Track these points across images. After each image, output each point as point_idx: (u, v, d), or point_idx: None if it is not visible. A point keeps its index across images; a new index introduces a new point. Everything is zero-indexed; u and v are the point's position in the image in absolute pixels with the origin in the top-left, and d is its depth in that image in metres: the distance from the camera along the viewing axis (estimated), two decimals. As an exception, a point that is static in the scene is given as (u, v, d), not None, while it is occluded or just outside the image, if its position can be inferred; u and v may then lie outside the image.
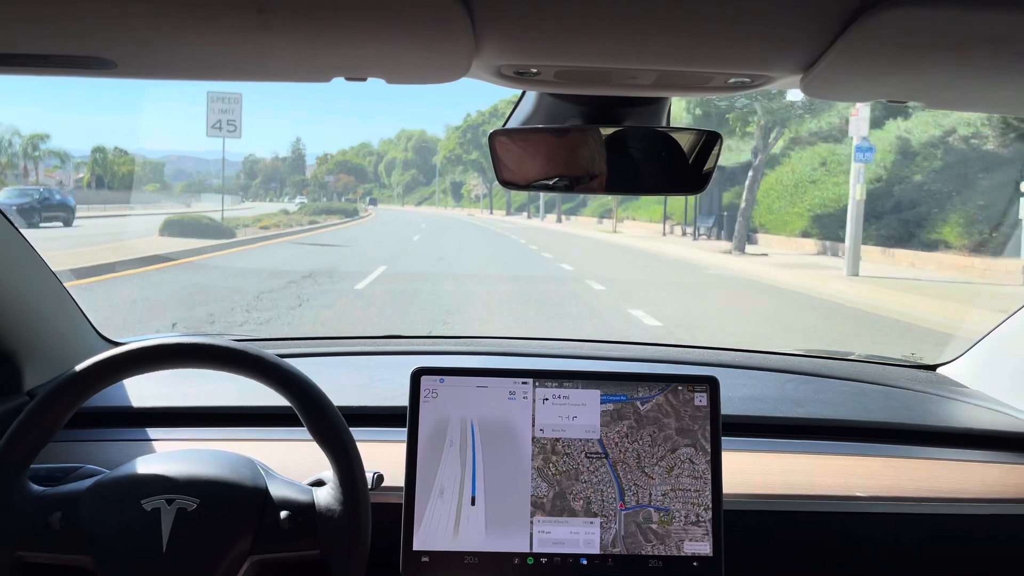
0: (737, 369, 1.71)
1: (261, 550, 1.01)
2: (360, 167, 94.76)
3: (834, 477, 1.33)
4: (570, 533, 1.15)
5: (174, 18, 0.72)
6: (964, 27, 0.69)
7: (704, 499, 1.17)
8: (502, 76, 0.91)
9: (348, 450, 1.03)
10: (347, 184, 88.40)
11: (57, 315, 1.50)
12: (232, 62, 0.89)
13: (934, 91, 0.92)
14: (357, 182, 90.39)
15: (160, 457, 1.07)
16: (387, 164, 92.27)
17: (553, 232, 29.96)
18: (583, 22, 0.74)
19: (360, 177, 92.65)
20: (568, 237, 26.36)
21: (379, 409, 1.41)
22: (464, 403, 1.18)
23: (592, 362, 1.73)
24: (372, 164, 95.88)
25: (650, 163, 1.13)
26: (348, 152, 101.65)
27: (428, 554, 1.14)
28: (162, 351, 1.02)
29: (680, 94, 1.03)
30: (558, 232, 30.25)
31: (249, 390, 1.15)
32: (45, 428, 1.00)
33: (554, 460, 1.17)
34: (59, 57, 0.83)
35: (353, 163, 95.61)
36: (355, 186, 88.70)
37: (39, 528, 0.99)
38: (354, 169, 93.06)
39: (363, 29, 0.74)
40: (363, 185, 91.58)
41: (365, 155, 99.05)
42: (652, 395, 1.19)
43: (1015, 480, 1.37)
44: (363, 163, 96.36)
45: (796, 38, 0.76)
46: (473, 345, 1.92)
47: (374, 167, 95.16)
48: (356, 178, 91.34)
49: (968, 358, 1.72)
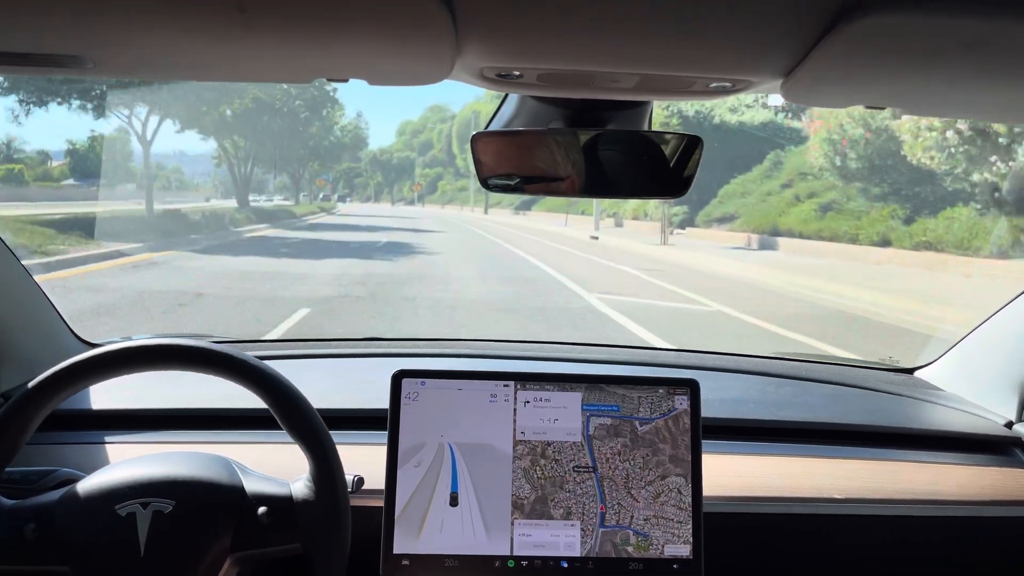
0: (718, 372, 1.72)
1: (241, 547, 1.01)
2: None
3: (812, 479, 1.34)
4: (551, 536, 1.15)
5: (153, 17, 0.72)
6: (942, 34, 0.69)
7: (685, 533, 1.16)
8: (484, 78, 0.91)
9: (323, 441, 1.02)
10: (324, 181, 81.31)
11: (32, 316, 1.48)
12: (212, 62, 0.88)
13: (913, 97, 0.94)
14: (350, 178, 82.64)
15: (133, 462, 1.06)
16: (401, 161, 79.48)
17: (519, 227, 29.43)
18: (565, 25, 0.74)
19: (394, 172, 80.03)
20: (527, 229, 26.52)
21: (359, 412, 1.40)
22: (445, 405, 1.18)
23: (574, 365, 1.73)
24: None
25: (632, 166, 1.13)
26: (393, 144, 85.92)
27: (408, 557, 1.14)
28: (139, 353, 1.01)
29: (662, 98, 1.03)
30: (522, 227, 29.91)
31: (228, 392, 1.14)
32: (19, 430, 0.99)
33: (542, 464, 1.17)
34: (36, 56, 0.82)
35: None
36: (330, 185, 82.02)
37: (13, 540, 0.98)
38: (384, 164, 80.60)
39: (345, 30, 0.74)
40: (357, 179, 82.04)
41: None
42: (652, 417, 1.19)
43: (988, 482, 1.39)
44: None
45: (776, 44, 0.76)
46: (454, 348, 1.91)
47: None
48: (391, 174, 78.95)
49: (945, 361, 1.74)
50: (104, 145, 29.21)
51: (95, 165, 33.71)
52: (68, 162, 39.43)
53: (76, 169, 38.13)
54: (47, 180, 37.04)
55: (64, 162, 39.97)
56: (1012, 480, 1.39)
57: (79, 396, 1.39)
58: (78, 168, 37.87)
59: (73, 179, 37.17)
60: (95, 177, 33.23)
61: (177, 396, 1.44)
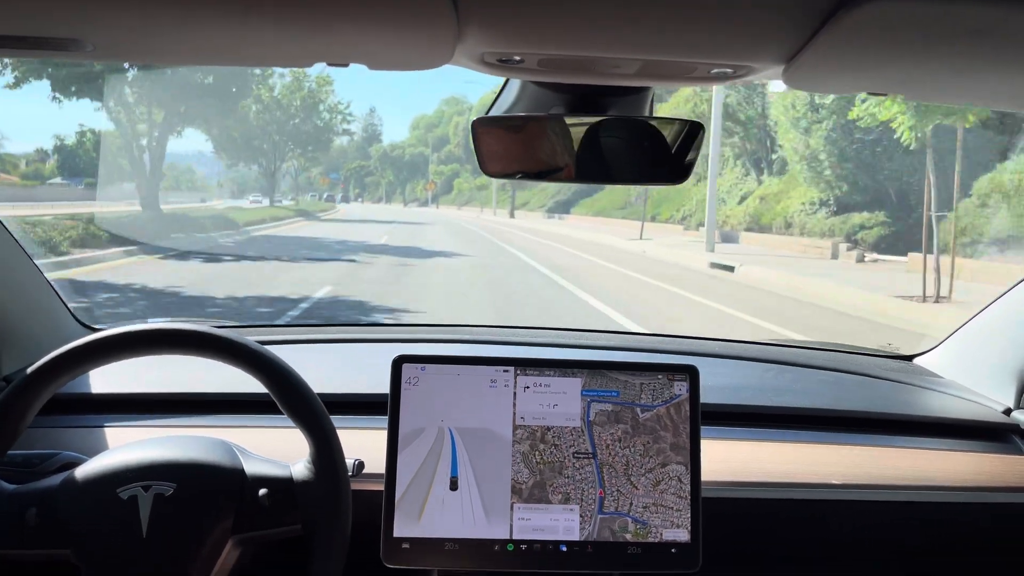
0: (718, 358, 1.72)
1: (242, 529, 1.01)
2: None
3: (810, 465, 1.35)
4: (550, 520, 1.16)
5: (153, 1, 0.71)
6: (944, 20, 0.69)
7: (684, 520, 1.16)
8: (485, 63, 0.90)
9: (324, 424, 1.03)
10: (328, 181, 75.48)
11: (35, 301, 1.48)
12: (211, 46, 0.88)
13: (915, 83, 0.94)
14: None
15: (133, 445, 1.07)
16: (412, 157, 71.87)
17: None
18: (566, 10, 0.73)
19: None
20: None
21: (360, 397, 1.41)
22: (445, 391, 1.18)
23: (574, 351, 1.74)
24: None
25: (632, 152, 1.13)
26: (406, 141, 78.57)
27: (408, 540, 1.14)
28: (140, 337, 1.02)
29: (663, 84, 1.03)
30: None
31: (229, 377, 1.15)
32: (21, 414, 1.00)
33: (541, 448, 1.17)
34: (33, 39, 0.82)
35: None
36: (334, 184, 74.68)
37: (15, 525, 0.98)
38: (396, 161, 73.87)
39: (345, 14, 0.74)
40: (367, 177, 76.21)
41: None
42: (654, 405, 1.19)
43: (986, 468, 1.40)
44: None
45: (778, 30, 0.76)
46: (454, 333, 1.92)
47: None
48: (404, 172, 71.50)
49: (943, 348, 1.75)
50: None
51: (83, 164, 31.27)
52: (56, 159, 36.66)
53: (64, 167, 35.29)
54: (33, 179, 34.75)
55: (52, 160, 37.10)
56: (1009, 466, 1.40)
57: (80, 380, 1.40)
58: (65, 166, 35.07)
59: (61, 177, 34.66)
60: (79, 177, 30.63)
61: (178, 380, 1.45)
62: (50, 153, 35.36)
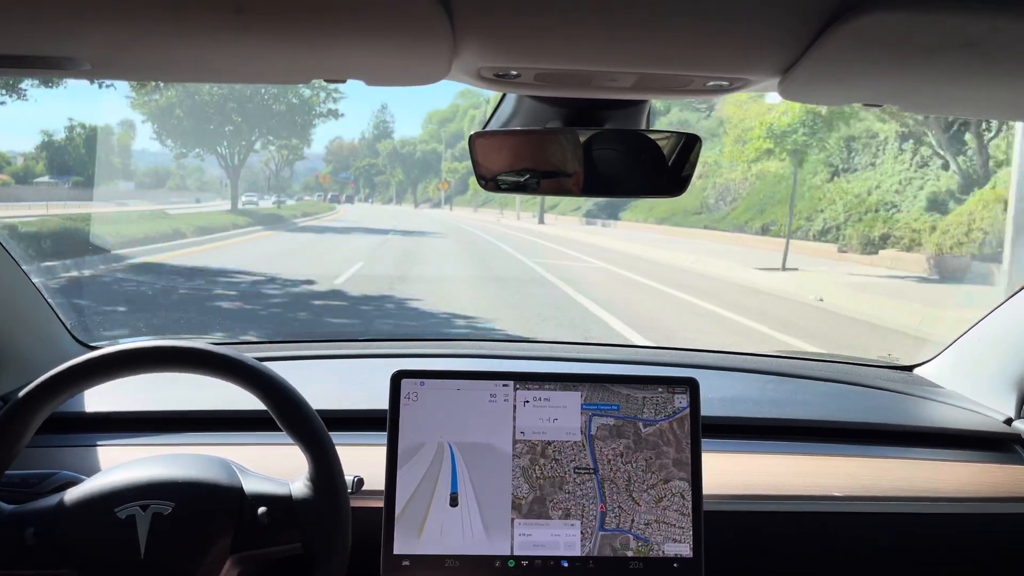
0: (718, 371, 1.72)
1: (241, 548, 1.00)
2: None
3: (812, 477, 1.34)
4: (551, 536, 1.15)
5: (150, 19, 0.72)
6: (939, 32, 0.69)
7: (686, 536, 1.15)
8: (482, 78, 0.90)
9: (323, 441, 1.02)
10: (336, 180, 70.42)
11: (31, 318, 1.48)
12: (208, 63, 0.88)
13: (910, 95, 0.94)
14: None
15: (132, 464, 1.06)
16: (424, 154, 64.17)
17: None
18: (562, 25, 0.74)
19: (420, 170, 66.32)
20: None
21: (359, 413, 1.40)
22: (444, 406, 1.18)
23: (573, 364, 1.73)
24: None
25: (630, 165, 1.13)
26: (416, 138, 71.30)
27: (409, 557, 1.13)
28: (138, 355, 1.01)
29: (660, 97, 1.03)
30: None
31: (227, 394, 1.14)
32: (18, 434, 0.99)
33: (541, 463, 1.16)
34: (32, 58, 0.82)
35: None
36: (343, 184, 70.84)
37: (13, 545, 0.98)
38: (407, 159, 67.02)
39: (342, 31, 0.74)
40: (377, 177, 70.41)
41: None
42: (657, 419, 1.18)
43: (988, 479, 1.39)
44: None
45: (773, 42, 0.76)
46: (454, 347, 1.91)
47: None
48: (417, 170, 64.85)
49: (944, 358, 1.74)
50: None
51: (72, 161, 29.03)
52: (44, 157, 34.30)
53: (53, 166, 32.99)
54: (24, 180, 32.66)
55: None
56: (1012, 477, 1.39)
57: (78, 398, 1.39)
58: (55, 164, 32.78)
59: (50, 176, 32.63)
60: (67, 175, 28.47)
61: (176, 398, 1.44)
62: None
